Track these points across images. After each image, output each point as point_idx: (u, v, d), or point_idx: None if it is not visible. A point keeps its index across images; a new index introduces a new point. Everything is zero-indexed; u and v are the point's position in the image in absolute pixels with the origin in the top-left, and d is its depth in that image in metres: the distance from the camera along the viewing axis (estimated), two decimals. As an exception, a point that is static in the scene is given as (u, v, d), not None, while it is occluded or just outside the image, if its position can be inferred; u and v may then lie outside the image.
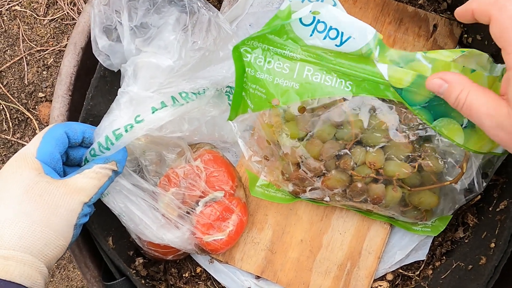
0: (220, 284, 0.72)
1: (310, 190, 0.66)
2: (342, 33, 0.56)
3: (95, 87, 0.62)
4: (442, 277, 0.64)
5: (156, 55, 0.58)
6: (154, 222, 0.62)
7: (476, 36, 0.69)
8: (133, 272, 0.66)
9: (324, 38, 0.56)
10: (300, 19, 0.57)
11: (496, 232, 0.59)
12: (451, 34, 0.73)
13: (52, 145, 0.53)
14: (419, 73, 0.55)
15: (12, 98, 1.12)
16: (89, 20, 0.65)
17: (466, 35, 0.72)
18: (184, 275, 0.71)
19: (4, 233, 0.47)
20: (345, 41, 0.56)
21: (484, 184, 0.61)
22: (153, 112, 0.57)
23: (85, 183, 0.52)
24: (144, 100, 0.57)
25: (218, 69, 0.65)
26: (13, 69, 1.13)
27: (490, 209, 0.63)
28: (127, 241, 0.65)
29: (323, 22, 0.56)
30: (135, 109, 0.57)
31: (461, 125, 0.57)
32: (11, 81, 1.13)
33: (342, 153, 0.62)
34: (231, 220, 0.66)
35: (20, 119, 1.14)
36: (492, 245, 0.58)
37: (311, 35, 0.58)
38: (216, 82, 0.65)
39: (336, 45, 0.56)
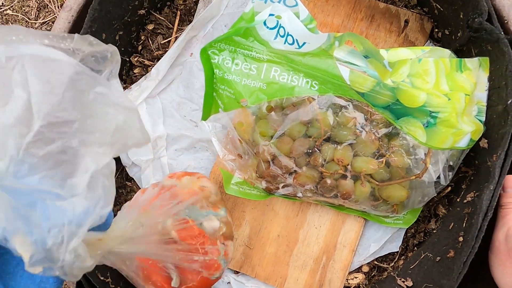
0: (201, 279, 0.74)
1: (283, 187, 0.68)
2: (297, 40, 0.57)
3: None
4: (411, 267, 0.66)
5: None
6: None
7: (444, 31, 0.70)
8: (114, 271, 0.68)
9: (284, 43, 0.58)
10: (265, 22, 0.59)
11: (464, 225, 0.60)
12: (422, 29, 0.74)
13: None
14: (378, 80, 0.57)
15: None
16: (63, 26, 0.67)
17: (436, 30, 0.73)
18: (165, 271, 0.73)
19: None
20: (302, 45, 0.57)
21: (450, 176, 0.62)
22: None
23: None
24: None
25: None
26: (6, 73, 1.16)
27: (458, 200, 0.65)
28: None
29: (283, 27, 0.57)
30: None
31: (423, 124, 0.58)
32: (4, 84, 1.15)
33: (312, 150, 0.63)
34: None
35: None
36: (460, 238, 0.59)
37: (275, 38, 0.59)
38: None
39: (296, 48, 0.58)
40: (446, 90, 0.57)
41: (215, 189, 0.64)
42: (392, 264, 0.72)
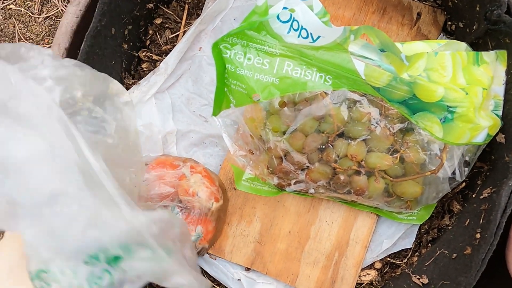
0: (211, 276, 0.73)
1: (295, 183, 0.67)
2: (311, 33, 0.56)
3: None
4: (426, 264, 0.65)
5: None
6: None
7: (458, 24, 0.69)
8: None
9: (298, 37, 0.57)
10: (278, 15, 0.57)
11: (481, 222, 0.59)
12: (435, 21, 0.73)
13: None
14: (395, 74, 0.56)
15: (10, 96, 1.14)
16: (71, 21, 0.66)
17: (449, 22, 0.71)
18: (176, 268, 0.73)
19: None
20: (316, 39, 0.56)
21: (466, 172, 0.61)
22: None
23: None
24: None
25: None
26: (10, 68, 1.15)
27: (473, 196, 0.64)
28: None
29: (297, 20, 0.56)
30: None
31: (440, 119, 0.57)
32: (9, 80, 1.14)
33: (324, 146, 0.62)
34: None
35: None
36: (478, 235, 0.58)
37: (288, 32, 0.58)
38: None
39: (310, 42, 0.57)
40: (463, 84, 0.56)
41: (205, 207, 0.65)
42: (405, 260, 0.71)
